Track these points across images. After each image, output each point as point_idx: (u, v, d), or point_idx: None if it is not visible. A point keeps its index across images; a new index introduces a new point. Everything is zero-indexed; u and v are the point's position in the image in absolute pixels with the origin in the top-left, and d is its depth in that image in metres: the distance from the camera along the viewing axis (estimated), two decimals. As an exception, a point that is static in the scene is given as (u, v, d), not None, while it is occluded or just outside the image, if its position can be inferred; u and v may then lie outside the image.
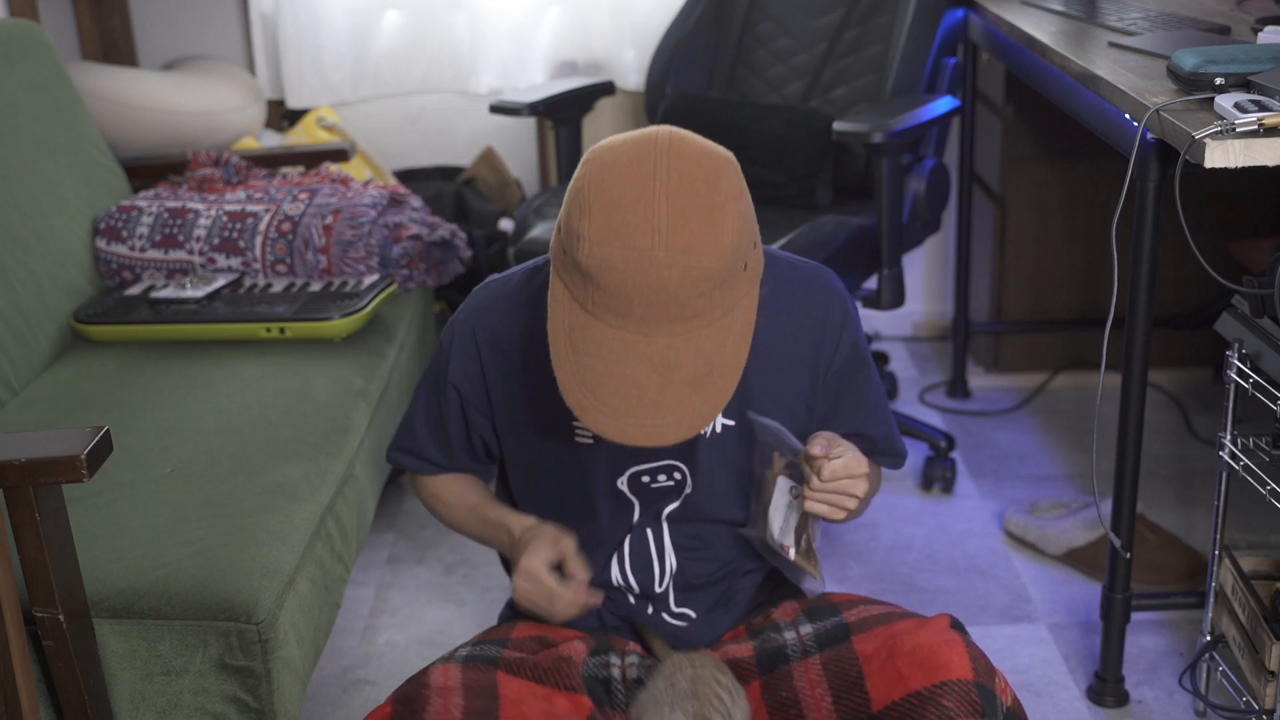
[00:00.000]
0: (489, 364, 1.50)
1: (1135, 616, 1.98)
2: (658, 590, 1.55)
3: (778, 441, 1.44)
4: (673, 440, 1.24)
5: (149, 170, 2.63)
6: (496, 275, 1.54)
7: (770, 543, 1.47)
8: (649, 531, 1.53)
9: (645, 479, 1.50)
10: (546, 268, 1.49)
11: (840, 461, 1.38)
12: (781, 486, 1.46)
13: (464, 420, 1.55)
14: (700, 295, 1.21)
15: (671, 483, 1.50)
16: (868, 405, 1.56)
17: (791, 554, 1.45)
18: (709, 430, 1.49)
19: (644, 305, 1.21)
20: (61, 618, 1.38)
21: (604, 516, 1.53)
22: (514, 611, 1.62)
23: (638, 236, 1.19)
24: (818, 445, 1.39)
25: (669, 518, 1.52)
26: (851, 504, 1.41)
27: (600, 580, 1.54)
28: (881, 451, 1.60)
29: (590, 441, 1.49)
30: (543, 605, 1.47)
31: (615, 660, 1.49)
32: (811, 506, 1.41)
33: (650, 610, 1.56)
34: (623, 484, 1.50)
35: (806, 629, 1.47)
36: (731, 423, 1.50)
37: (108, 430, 1.37)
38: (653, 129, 1.25)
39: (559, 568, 1.48)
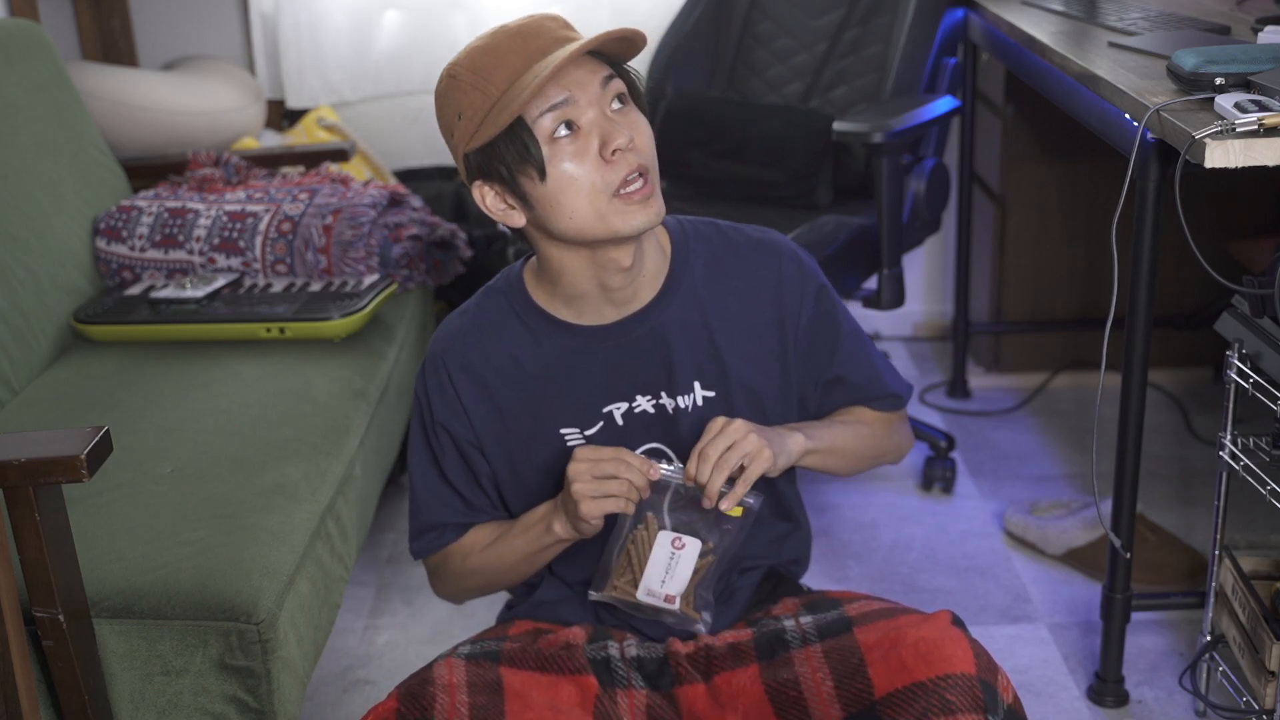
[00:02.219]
0: (465, 393, 1.50)
1: (1135, 616, 1.98)
2: None
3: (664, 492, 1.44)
4: (597, 39, 1.33)
5: (149, 170, 2.62)
6: (452, 312, 1.55)
7: (645, 599, 1.45)
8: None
9: None
10: (495, 290, 1.52)
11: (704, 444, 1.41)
12: (662, 541, 1.45)
13: (463, 461, 1.53)
14: (561, 26, 1.37)
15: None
16: (843, 350, 1.56)
17: (677, 604, 1.44)
18: (690, 403, 1.49)
19: (523, 45, 1.36)
20: (61, 618, 1.38)
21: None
22: (512, 611, 1.62)
23: (491, 34, 1.40)
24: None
25: (670, 509, 1.53)
26: (749, 445, 1.39)
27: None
28: (871, 396, 1.60)
29: (582, 441, 1.49)
30: (609, 468, 1.39)
31: (613, 644, 1.49)
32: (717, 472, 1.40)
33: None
34: None
35: (807, 619, 1.47)
36: (713, 394, 1.50)
37: (108, 430, 1.37)
38: None
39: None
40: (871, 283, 2.37)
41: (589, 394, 1.49)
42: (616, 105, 1.37)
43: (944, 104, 2.40)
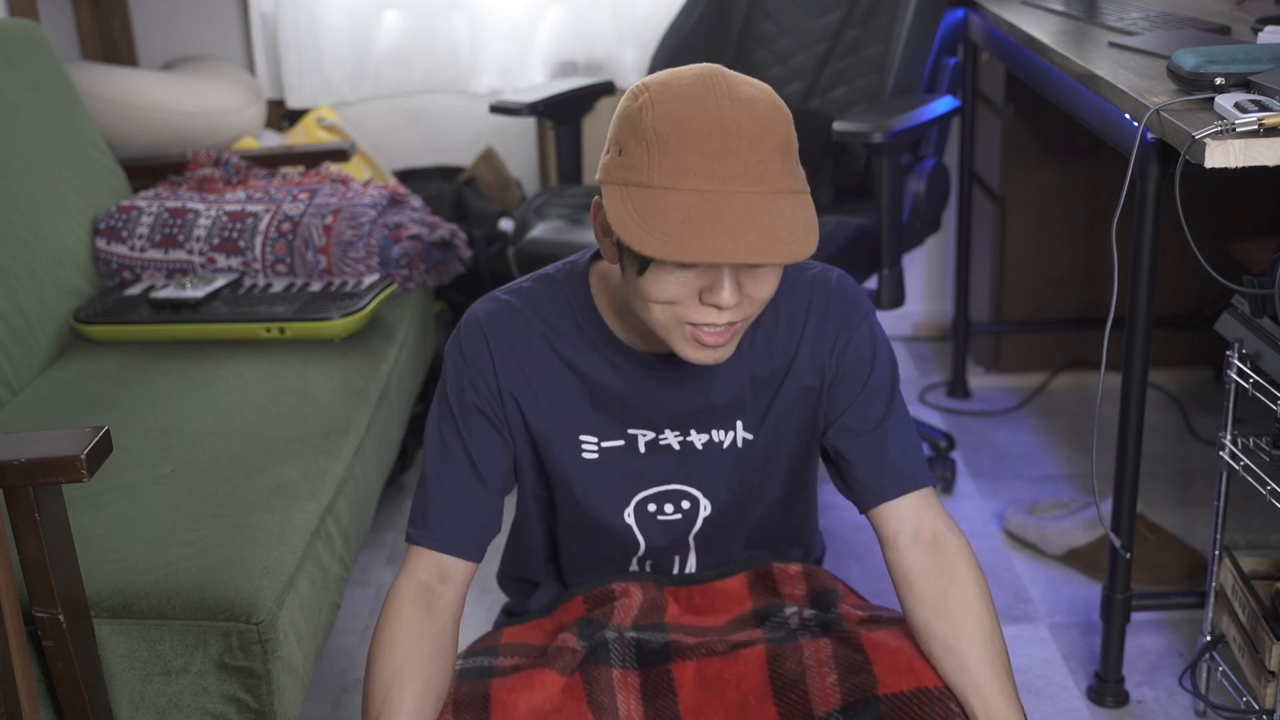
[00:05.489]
0: (500, 362, 1.39)
1: (1135, 616, 1.98)
2: None
3: None
4: (748, 254, 1.16)
5: (149, 170, 2.63)
6: (494, 290, 1.48)
7: None
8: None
9: (652, 508, 1.44)
10: (554, 280, 1.41)
11: None
12: None
13: (498, 442, 1.41)
14: (766, 155, 1.19)
15: (679, 515, 1.45)
16: (887, 421, 1.46)
17: None
18: (728, 440, 1.42)
19: (712, 155, 1.18)
20: (61, 618, 1.38)
21: (604, 553, 1.48)
22: (507, 617, 1.60)
23: (702, 94, 1.19)
24: None
25: (695, 542, 1.49)
26: None
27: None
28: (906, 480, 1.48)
29: (595, 456, 1.42)
30: None
31: (611, 630, 1.44)
32: None
33: None
34: (629, 517, 1.44)
35: (810, 612, 1.47)
36: (751, 436, 1.43)
37: (108, 430, 1.37)
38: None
39: None
40: (871, 283, 2.37)
41: (620, 412, 1.40)
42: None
43: (944, 104, 2.40)
